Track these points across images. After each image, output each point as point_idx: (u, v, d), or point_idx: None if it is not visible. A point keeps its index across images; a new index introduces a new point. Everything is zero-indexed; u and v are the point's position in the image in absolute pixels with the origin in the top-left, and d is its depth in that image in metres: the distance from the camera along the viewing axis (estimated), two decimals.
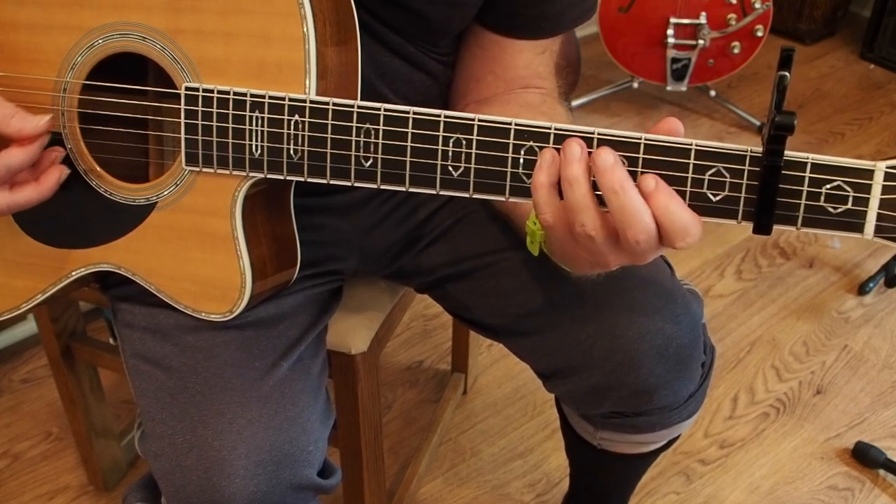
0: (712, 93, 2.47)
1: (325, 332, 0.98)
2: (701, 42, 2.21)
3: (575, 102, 2.46)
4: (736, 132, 2.42)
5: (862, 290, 1.88)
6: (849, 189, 0.62)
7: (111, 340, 1.59)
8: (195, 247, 0.80)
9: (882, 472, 1.49)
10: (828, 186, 0.62)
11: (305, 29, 0.71)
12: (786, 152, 0.61)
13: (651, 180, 0.63)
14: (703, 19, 2.19)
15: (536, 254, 0.77)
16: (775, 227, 0.64)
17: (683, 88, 2.33)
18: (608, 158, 0.63)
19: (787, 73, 0.62)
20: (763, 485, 1.49)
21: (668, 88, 2.33)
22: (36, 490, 1.47)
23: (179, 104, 0.75)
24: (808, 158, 0.62)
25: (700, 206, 0.65)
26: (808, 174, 0.62)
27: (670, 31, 2.21)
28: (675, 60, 2.27)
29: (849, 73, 2.72)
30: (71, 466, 1.50)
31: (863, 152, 2.34)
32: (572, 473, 1.27)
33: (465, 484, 1.48)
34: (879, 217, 0.62)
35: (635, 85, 2.47)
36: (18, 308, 0.87)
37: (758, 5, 2.17)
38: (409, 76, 0.89)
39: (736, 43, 2.24)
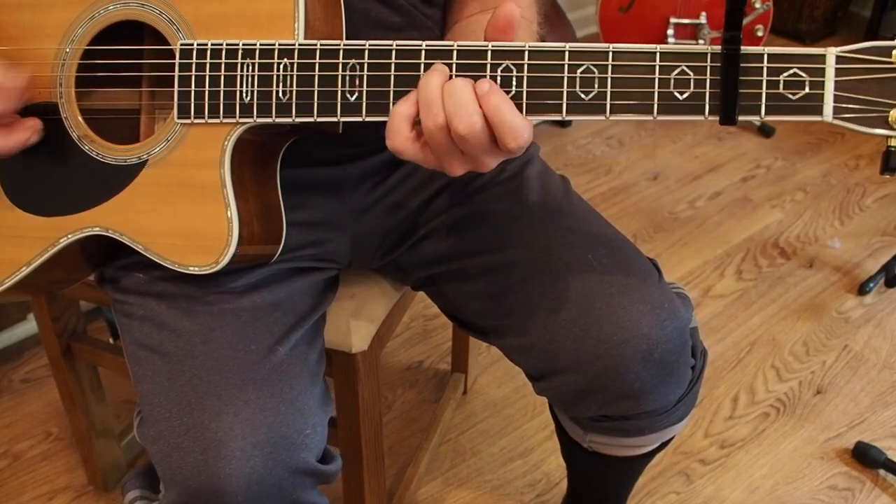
0: None
1: (321, 324, 0.98)
2: (701, 42, 2.21)
3: None
4: (736, 132, 2.42)
5: (862, 290, 1.88)
6: (804, 75, 0.68)
7: (111, 340, 1.59)
8: (184, 200, 0.81)
9: (882, 472, 1.49)
10: (785, 74, 0.68)
11: None
12: (742, 47, 0.67)
13: (485, 83, 0.70)
14: (703, 19, 2.20)
15: None
16: (740, 119, 0.68)
17: None
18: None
19: None
20: (763, 485, 1.49)
21: None
22: (36, 490, 1.47)
23: (174, 61, 0.78)
24: (763, 50, 0.68)
25: (668, 104, 0.70)
26: (765, 64, 0.68)
27: (670, 31, 2.21)
28: None
29: None
30: (71, 466, 1.50)
31: (863, 152, 2.34)
32: (569, 475, 1.27)
33: (465, 484, 1.48)
34: (836, 99, 0.67)
35: None
36: (2, 283, 0.86)
37: (758, 5, 2.17)
38: (401, 26, 0.90)
39: None
